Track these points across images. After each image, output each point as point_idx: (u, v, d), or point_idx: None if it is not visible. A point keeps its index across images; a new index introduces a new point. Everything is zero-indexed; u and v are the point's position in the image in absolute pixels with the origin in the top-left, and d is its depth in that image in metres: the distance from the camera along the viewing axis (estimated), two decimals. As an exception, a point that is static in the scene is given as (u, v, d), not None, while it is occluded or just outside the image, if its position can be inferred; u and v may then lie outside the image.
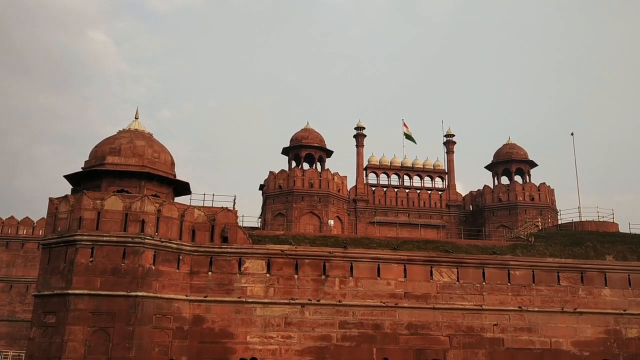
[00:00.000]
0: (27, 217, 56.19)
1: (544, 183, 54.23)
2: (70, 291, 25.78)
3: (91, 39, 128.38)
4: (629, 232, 37.32)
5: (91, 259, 26.36)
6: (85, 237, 26.54)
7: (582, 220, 39.58)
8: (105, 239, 26.73)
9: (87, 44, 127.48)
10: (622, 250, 33.73)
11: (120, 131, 31.85)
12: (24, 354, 34.60)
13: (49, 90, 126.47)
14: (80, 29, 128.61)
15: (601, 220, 39.46)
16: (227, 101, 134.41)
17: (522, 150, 56.51)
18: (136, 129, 31.94)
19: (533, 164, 56.19)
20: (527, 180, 55.25)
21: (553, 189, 55.00)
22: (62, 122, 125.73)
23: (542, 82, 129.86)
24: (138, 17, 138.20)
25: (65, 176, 30.27)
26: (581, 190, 44.92)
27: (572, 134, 48.79)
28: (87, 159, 30.73)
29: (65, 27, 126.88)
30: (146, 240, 27.02)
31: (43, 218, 51.84)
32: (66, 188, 31.84)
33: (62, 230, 27.33)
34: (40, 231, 52.90)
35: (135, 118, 32.77)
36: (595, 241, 34.33)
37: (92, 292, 25.92)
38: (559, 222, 43.18)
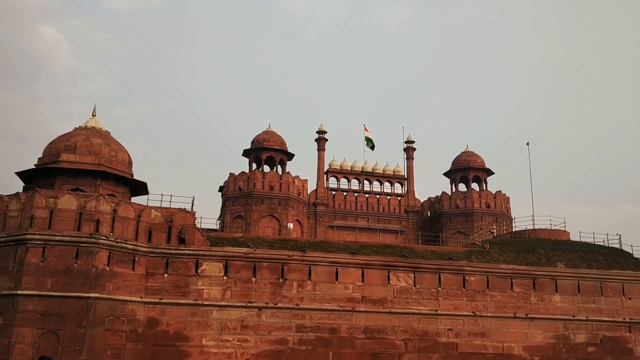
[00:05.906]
0: (-25, 214, 54.18)
1: (500, 191, 55.30)
2: (19, 292, 25.01)
3: (42, 34, 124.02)
4: (579, 240, 38.45)
5: (42, 259, 25.64)
6: (36, 237, 25.83)
7: (536, 228, 40.56)
8: (57, 238, 26.05)
9: (37, 39, 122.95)
10: (573, 258, 34.74)
11: (76, 128, 31.11)
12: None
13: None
14: (30, 23, 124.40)
15: (553, 228, 40.51)
16: (184, 102, 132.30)
17: (480, 158, 57.52)
18: (93, 127, 31.26)
19: (490, 172, 57.23)
20: (484, 188, 56.23)
21: (508, 197, 56.14)
22: (11, 118, 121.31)
23: (500, 92, 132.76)
24: (91, 14, 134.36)
25: (17, 173, 29.40)
26: (535, 198, 45.89)
27: (527, 144, 50.06)
28: (40, 155, 29.90)
29: (14, 21, 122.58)
30: (100, 241, 26.44)
31: (-8, 216, 50.05)
32: (17, 185, 30.92)
33: (12, 229, 26.48)
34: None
35: (93, 115, 32.06)
36: (548, 249, 35.25)
37: (42, 293, 25.21)
38: (514, 230, 44.20)
